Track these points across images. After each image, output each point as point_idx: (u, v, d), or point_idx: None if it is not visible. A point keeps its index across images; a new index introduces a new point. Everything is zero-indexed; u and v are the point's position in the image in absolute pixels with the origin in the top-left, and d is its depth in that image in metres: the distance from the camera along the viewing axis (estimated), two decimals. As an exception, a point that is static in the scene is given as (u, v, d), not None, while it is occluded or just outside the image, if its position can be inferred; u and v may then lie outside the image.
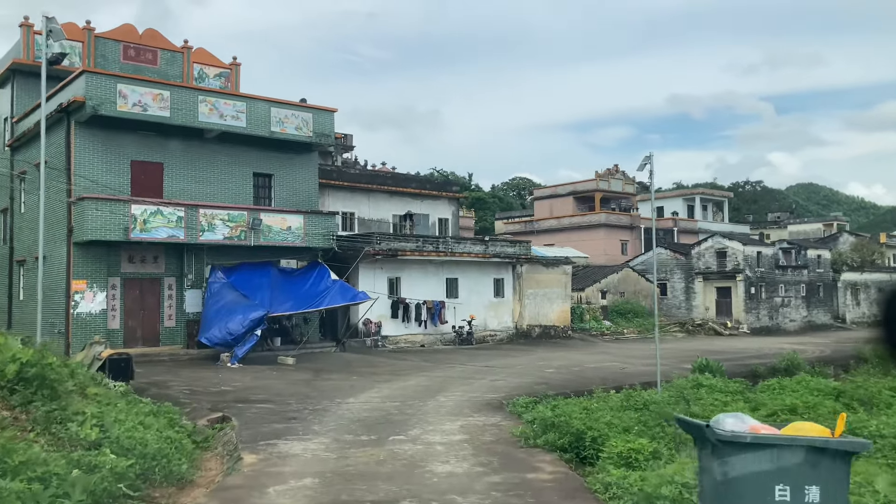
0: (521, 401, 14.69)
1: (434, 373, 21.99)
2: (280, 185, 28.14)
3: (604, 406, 13.78)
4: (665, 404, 14.08)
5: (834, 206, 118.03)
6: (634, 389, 18.20)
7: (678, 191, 70.66)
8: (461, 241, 32.73)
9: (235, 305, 23.62)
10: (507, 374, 21.87)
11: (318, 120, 27.88)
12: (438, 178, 35.96)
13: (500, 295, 34.61)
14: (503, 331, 34.62)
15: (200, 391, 17.16)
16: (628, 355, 29.33)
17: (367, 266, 30.03)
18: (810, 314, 52.67)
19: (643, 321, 44.29)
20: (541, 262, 36.31)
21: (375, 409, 14.67)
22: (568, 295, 37.65)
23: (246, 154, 27.28)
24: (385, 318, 30.42)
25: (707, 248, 49.24)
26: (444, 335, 32.24)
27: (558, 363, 25.37)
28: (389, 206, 35.28)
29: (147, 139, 25.21)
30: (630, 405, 14.48)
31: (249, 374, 20.86)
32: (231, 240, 25.31)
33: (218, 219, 25.07)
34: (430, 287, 31.87)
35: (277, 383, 18.90)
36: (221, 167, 26.75)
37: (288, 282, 26.36)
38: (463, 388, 18.35)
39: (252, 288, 24.93)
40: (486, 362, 25.33)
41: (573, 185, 61.41)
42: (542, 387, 18.89)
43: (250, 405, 15.13)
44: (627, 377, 21.73)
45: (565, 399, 16.29)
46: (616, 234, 56.16)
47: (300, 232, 26.82)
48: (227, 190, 26.81)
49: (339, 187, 33.42)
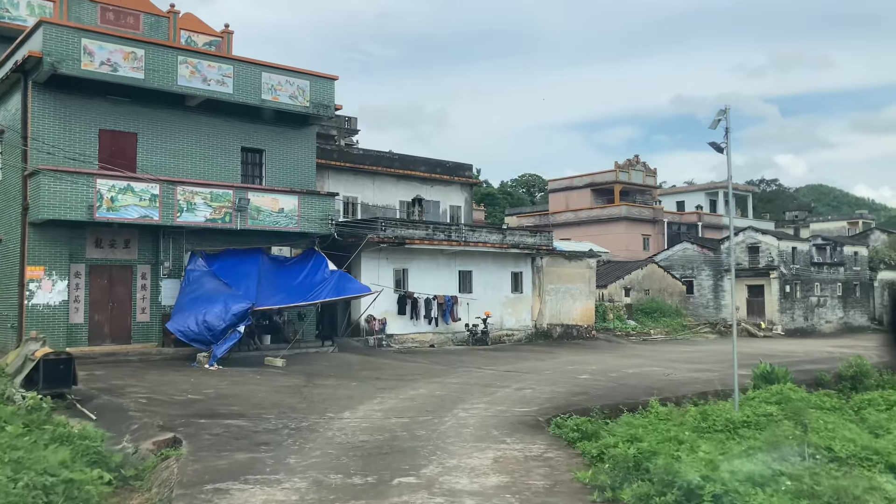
0: (570, 421, 11.26)
1: (448, 378, 18.60)
2: (272, 162, 24.76)
3: (682, 428, 10.37)
4: (766, 425, 10.66)
5: (844, 208, 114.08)
6: (697, 402, 14.83)
7: (700, 185, 67.07)
8: (476, 230, 29.31)
9: (216, 295, 20.28)
10: (534, 380, 18.47)
11: (317, 88, 24.50)
12: (450, 163, 32.48)
13: (518, 290, 31.18)
14: (521, 330, 31.20)
15: (161, 400, 13.80)
16: (665, 359, 25.90)
17: (371, 256, 26.66)
18: (847, 315, 49.08)
19: (670, 321, 40.87)
20: (563, 254, 32.88)
21: (377, 430, 11.30)
22: (592, 291, 34.20)
23: (233, 126, 23.92)
24: (390, 314, 27.06)
25: (738, 242, 45.67)
26: (456, 334, 28.86)
27: (590, 368, 21.95)
28: (396, 192, 31.91)
29: (118, 105, 21.88)
30: (709, 426, 11.09)
31: (228, 378, 17.51)
32: (214, 222, 21.95)
33: (199, 198, 21.72)
34: (440, 280, 28.49)
35: (259, 390, 15.54)
36: (205, 140, 23.40)
37: (279, 271, 23.01)
38: (485, 400, 14.95)
39: (237, 277, 21.59)
40: (506, 366, 21.93)
41: (591, 176, 57.89)
42: (582, 398, 15.50)
43: (216, 421, 11.77)
44: (678, 385, 18.32)
45: (618, 415, 12.95)
46: (637, 229, 52.66)
47: (294, 215, 23.45)
48: (212, 166, 23.46)
49: (341, 169, 30.07)
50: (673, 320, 41.10)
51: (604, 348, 30.21)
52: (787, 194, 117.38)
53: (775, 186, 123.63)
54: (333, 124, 38.53)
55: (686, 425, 10.81)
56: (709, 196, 64.65)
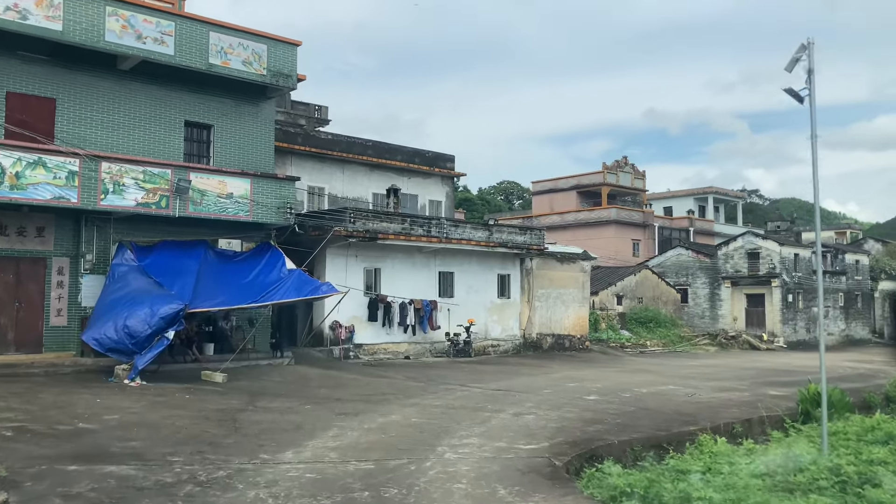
0: (610, 468, 7.72)
1: (427, 399, 15.01)
2: (222, 140, 21.08)
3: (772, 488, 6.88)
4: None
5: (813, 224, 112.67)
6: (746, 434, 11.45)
7: (689, 189, 64.13)
8: (459, 225, 25.73)
9: (142, 295, 16.52)
10: (532, 402, 14.95)
11: (276, 54, 20.90)
12: (430, 153, 29.01)
13: (505, 295, 27.68)
14: (508, 340, 27.68)
15: (35, 432, 10.07)
16: (675, 375, 22.53)
17: (338, 253, 23.04)
18: (848, 327, 46.21)
19: (666, 331, 37.63)
20: (554, 256, 29.45)
21: (325, 485, 7.70)
22: (586, 298, 30.80)
23: (175, 95, 20.23)
24: (360, 320, 23.43)
25: (737, 248, 42.63)
26: (435, 344, 25.27)
27: (595, 386, 18.47)
28: (369, 183, 28.31)
29: (32, 64, 18.12)
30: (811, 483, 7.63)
31: (148, 397, 13.77)
32: (147, 207, 18.21)
33: (129, 177, 17.98)
34: (418, 282, 24.91)
35: (181, 417, 11.84)
36: (140, 111, 19.67)
37: (226, 268, 19.31)
38: (478, 431, 11.38)
39: (172, 274, 17.85)
40: (495, 383, 18.38)
41: (577, 177, 54.67)
42: (599, 427, 12.02)
43: (94, 468, 8.09)
44: (711, 410, 14.89)
45: (657, 451, 9.52)
46: (627, 233, 49.45)
47: (245, 201, 19.79)
48: (148, 142, 19.74)
49: (305, 155, 26.42)
50: (669, 331, 37.88)
51: (601, 362, 26.77)
52: (762, 207, 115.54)
53: (756, 197, 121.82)
54: (301, 112, 34.89)
55: (751, 474, 7.42)
56: (697, 201, 61.76)
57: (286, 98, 33.34)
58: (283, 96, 32.35)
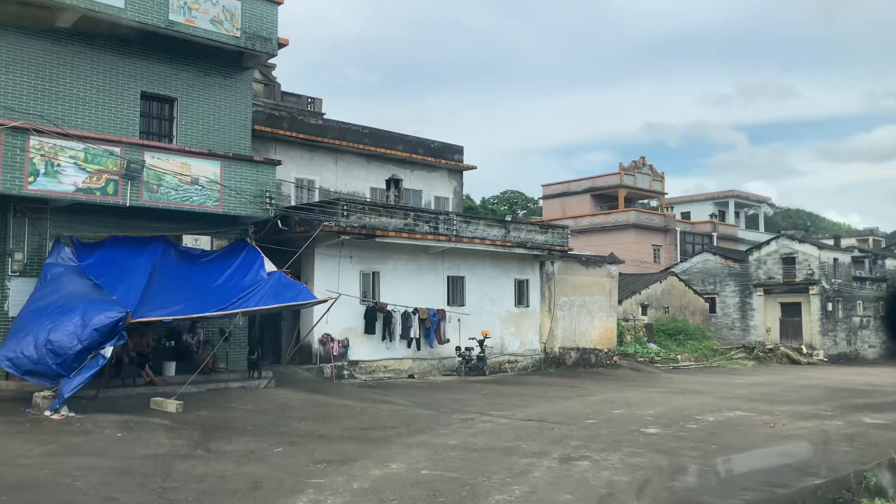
0: None
1: (440, 436, 11.36)
2: (188, 116, 17.54)
3: None
4: None
5: (822, 232, 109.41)
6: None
7: (708, 193, 60.54)
8: (471, 221, 22.12)
9: (74, 302, 12.91)
10: (579, 438, 11.31)
11: (252, 13, 17.41)
12: (436, 143, 25.51)
13: (523, 303, 24.06)
14: (527, 355, 24.04)
15: None
16: (730, 395, 18.89)
17: (329, 253, 19.47)
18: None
19: (697, 344, 33.97)
20: (578, 259, 25.87)
21: None
22: (613, 307, 27.16)
23: (129, 61, 16.71)
24: (355, 332, 19.83)
25: (770, 253, 38.99)
26: (443, 360, 21.65)
27: (647, 412, 14.82)
28: (366, 175, 24.75)
29: (-54, 18, 14.67)
30: None
31: (63, 438, 10.15)
32: (90, 194, 14.68)
33: (66, 156, 14.44)
34: (424, 289, 21.33)
35: (92, 470, 8.22)
36: (87, 78, 16.14)
37: (189, 270, 15.71)
38: (519, 491, 7.74)
39: (118, 275, 14.26)
40: (523, 409, 14.74)
41: (591, 180, 51.11)
42: (688, 483, 8.41)
43: None
44: (814, 448, 11.23)
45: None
46: (647, 238, 45.85)
47: (215, 189, 16.25)
48: (96, 117, 16.19)
49: (293, 142, 22.89)
50: (700, 343, 34.21)
51: (636, 380, 23.12)
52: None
53: (768, 206, 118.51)
54: (292, 104, 31.35)
55: None
56: (717, 206, 58.26)
57: (275, 89, 29.85)
58: (273, 87, 28.91)
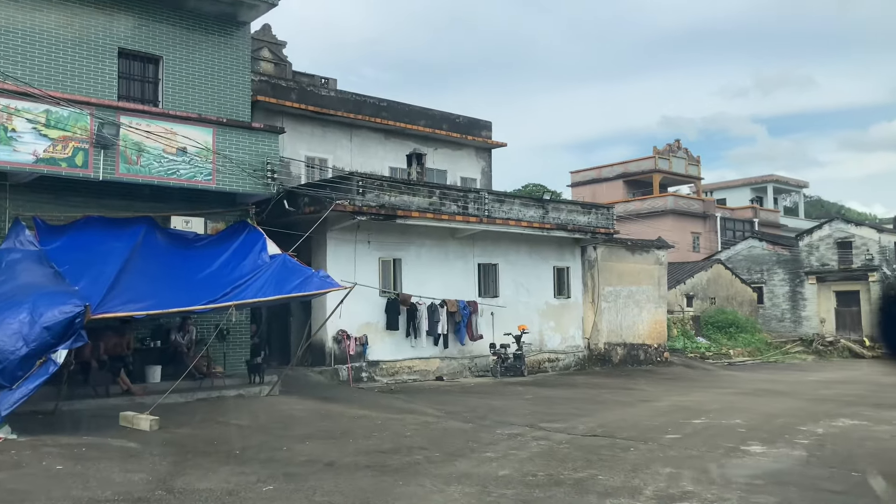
0: None
1: (485, 463, 8.72)
2: (176, 78, 15.04)
3: None
4: None
5: None
6: None
7: (745, 178, 57.31)
8: (505, 200, 19.43)
9: (24, 294, 10.43)
10: (669, 463, 8.63)
11: (248, -44, 14.90)
12: (462, 118, 22.83)
13: (563, 294, 21.38)
14: (569, 352, 21.36)
15: None
16: (814, 396, 16.09)
17: (343, 238, 16.92)
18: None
19: (749, 338, 31.08)
20: (623, 244, 23.11)
21: None
22: (662, 297, 24.37)
23: (104, 12, 14.26)
24: (375, 328, 17.27)
25: (822, 237, 35.93)
26: (476, 359, 19.05)
27: (731, 421, 12.07)
28: (385, 153, 22.19)
29: None
30: None
31: (-13, 471, 7.65)
32: (54, 165, 12.25)
33: (23, 119, 12.00)
34: (452, 277, 18.73)
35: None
36: (53, 32, 13.71)
37: (177, 256, 13.23)
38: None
39: (87, 261, 11.80)
40: (579, 418, 12.05)
41: (623, 164, 48.17)
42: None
43: None
44: None
45: None
46: (686, 225, 42.89)
47: (207, 160, 13.74)
48: (65, 78, 13.76)
49: (302, 116, 20.39)
50: (752, 337, 31.31)
51: (695, 379, 20.35)
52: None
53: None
54: (305, 83, 28.91)
55: None
56: (755, 191, 55.14)
57: (286, 68, 27.41)
58: (283, 66, 26.40)
